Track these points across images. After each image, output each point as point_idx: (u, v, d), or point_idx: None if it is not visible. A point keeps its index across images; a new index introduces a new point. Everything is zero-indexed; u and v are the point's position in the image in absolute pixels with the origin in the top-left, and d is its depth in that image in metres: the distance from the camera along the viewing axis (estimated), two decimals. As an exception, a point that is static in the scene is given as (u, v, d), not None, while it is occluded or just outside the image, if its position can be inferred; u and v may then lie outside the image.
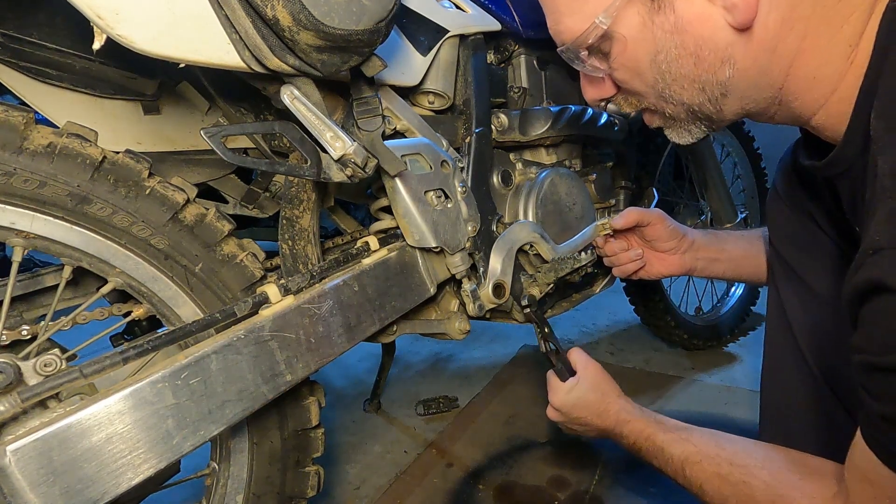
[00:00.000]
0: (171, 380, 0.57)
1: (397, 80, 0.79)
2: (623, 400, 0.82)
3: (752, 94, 0.57)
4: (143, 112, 0.80)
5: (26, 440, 0.50)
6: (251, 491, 0.75)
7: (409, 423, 1.42)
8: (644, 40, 0.56)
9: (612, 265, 1.01)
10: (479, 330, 1.91)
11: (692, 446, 0.67)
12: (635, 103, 0.65)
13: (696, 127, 0.63)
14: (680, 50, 0.54)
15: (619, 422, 0.79)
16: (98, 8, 0.49)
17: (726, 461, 0.63)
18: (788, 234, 0.77)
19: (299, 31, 0.54)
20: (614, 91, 0.65)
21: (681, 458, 0.68)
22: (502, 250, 0.91)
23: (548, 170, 1.02)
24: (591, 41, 0.58)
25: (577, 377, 0.86)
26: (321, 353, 0.70)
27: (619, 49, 0.58)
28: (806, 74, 0.53)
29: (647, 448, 0.73)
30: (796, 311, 0.75)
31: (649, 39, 0.55)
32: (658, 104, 0.62)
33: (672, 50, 0.55)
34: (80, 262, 0.62)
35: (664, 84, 0.58)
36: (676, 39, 0.54)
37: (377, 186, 0.86)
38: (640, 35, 0.55)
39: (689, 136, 0.65)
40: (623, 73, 0.61)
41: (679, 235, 0.94)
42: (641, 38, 0.56)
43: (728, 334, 1.67)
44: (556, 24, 0.62)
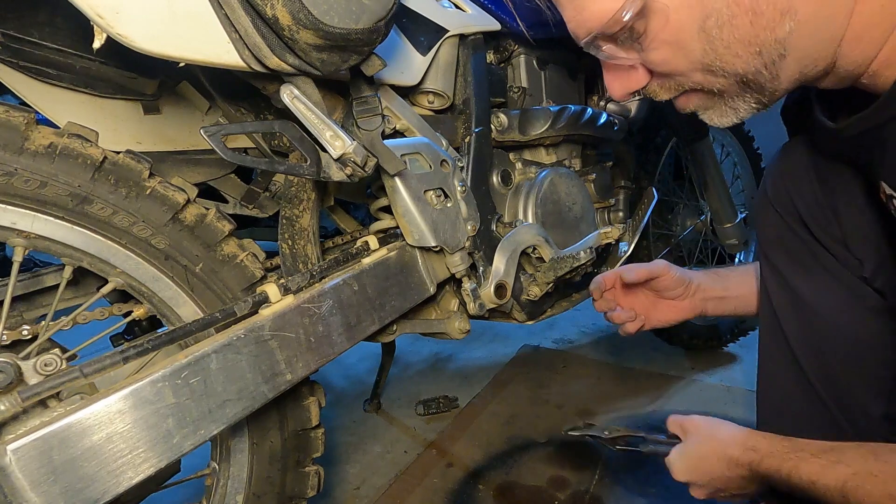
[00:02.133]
0: (171, 379, 0.57)
1: (397, 80, 0.79)
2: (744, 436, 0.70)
3: (812, 52, 0.51)
4: (144, 112, 0.80)
5: (27, 439, 0.50)
6: (251, 491, 0.75)
7: (409, 423, 1.42)
8: (689, 6, 0.49)
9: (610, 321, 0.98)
10: (479, 330, 1.91)
11: (846, 468, 0.57)
12: (675, 87, 0.58)
13: (745, 102, 0.56)
14: (734, 8, 0.48)
15: (751, 463, 0.67)
16: (98, 7, 0.49)
17: (893, 476, 0.53)
18: (778, 241, 0.76)
19: (299, 30, 0.55)
20: (647, 79, 0.58)
21: (837, 486, 0.57)
22: (506, 251, 0.91)
23: (547, 169, 1.02)
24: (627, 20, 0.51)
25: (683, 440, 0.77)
26: (321, 352, 0.70)
27: (659, 23, 0.51)
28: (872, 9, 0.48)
29: (793, 485, 0.62)
30: (789, 319, 0.74)
31: (695, 4, 0.49)
32: (704, 80, 0.55)
33: (724, 10, 0.48)
34: (81, 262, 0.62)
35: (714, 54, 0.51)
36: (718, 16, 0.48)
37: (377, 186, 0.86)
38: (685, 1, 0.49)
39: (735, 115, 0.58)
40: (664, 52, 0.53)
41: (685, 282, 0.91)
42: (686, 5, 0.49)
43: (728, 334, 1.67)
44: (578, 13, 0.55)
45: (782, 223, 0.74)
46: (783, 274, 0.75)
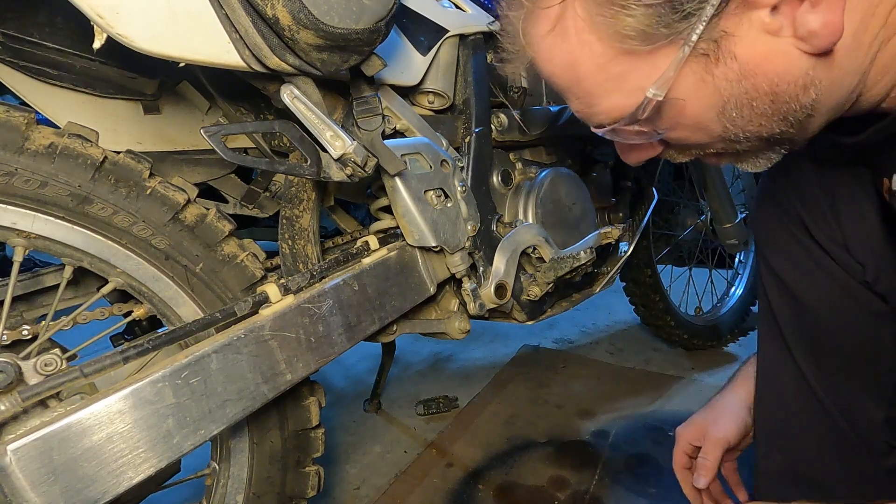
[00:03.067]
0: (171, 379, 0.57)
1: (397, 80, 0.79)
2: None
3: (839, 101, 0.50)
4: (144, 112, 0.80)
5: (27, 439, 0.50)
6: (251, 491, 0.75)
7: (409, 423, 1.42)
8: (705, 96, 0.48)
9: None
10: (479, 330, 1.91)
11: None
12: (695, 153, 0.58)
13: (775, 152, 0.56)
14: (752, 94, 0.47)
15: None
16: (98, 7, 0.49)
17: None
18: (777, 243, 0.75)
19: (299, 30, 0.55)
20: (661, 149, 0.58)
21: None
22: (507, 252, 0.91)
23: (548, 169, 1.02)
24: (643, 117, 0.50)
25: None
26: (321, 352, 0.70)
27: (676, 112, 0.50)
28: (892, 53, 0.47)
29: None
30: (788, 322, 0.74)
31: (711, 93, 0.48)
32: (728, 147, 0.54)
33: (742, 96, 0.48)
34: (81, 262, 0.62)
35: (736, 129, 0.51)
36: (746, 85, 0.47)
37: (377, 186, 0.86)
38: (700, 92, 0.48)
39: (768, 162, 0.57)
40: (682, 132, 0.53)
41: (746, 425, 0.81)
42: (702, 95, 0.48)
43: (728, 334, 1.67)
44: (588, 107, 0.53)
45: (781, 225, 0.74)
46: (782, 277, 0.74)
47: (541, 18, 0.50)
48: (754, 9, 0.44)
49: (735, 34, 0.45)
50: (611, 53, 0.48)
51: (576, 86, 0.52)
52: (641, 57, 0.47)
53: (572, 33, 0.48)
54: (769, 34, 0.45)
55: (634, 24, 0.44)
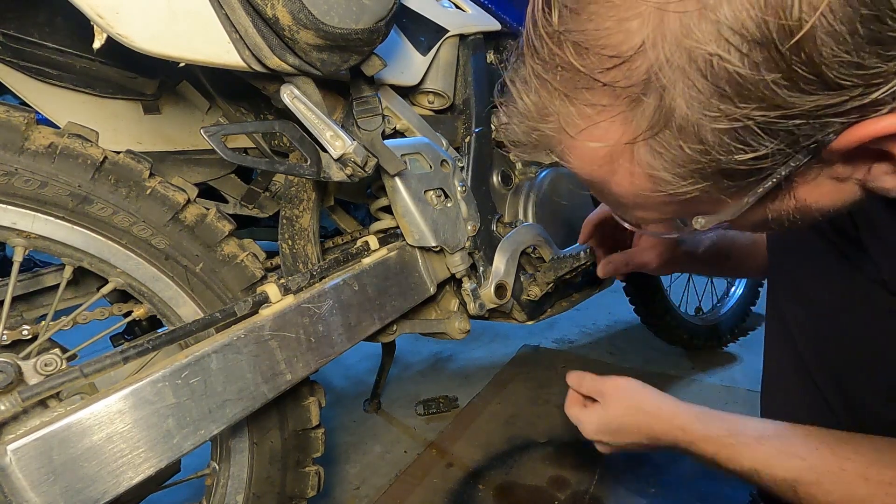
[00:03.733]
0: (171, 379, 0.57)
1: (397, 80, 0.79)
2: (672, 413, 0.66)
3: None
4: (144, 112, 0.80)
5: (27, 439, 0.50)
6: (251, 491, 0.75)
7: (409, 423, 1.42)
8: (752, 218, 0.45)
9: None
10: (479, 330, 1.91)
11: (799, 460, 0.54)
12: None
13: None
14: (800, 219, 0.44)
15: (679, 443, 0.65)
16: (98, 7, 0.49)
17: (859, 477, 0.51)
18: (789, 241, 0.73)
19: (299, 31, 0.55)
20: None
21: (787, 479, 0.54)
22: (507, 251, 0.91)
23: (548, 169, 1.02)
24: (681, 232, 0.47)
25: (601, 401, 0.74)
26: (321, 352, 0.70)
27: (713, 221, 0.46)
28: None
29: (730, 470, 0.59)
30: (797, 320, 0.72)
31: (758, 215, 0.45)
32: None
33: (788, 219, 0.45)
34: (81, 262, 0.62)
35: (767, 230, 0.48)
36: (797, 215, 0.44)
37: (377, 186, 0.86)
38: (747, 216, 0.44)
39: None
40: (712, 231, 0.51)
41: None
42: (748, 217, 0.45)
43: (728, 334, 1.67)
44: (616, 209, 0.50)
45: None
46: (793, 275, 0.73)
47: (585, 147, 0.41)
48: (829, 165, 0.40)
49: (802, 181, 0.41)
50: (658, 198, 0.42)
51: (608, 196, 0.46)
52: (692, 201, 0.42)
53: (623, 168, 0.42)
54: (837, 180, 0.41)
55: (701, 188, 0.39)
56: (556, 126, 0.41)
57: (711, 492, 1.05)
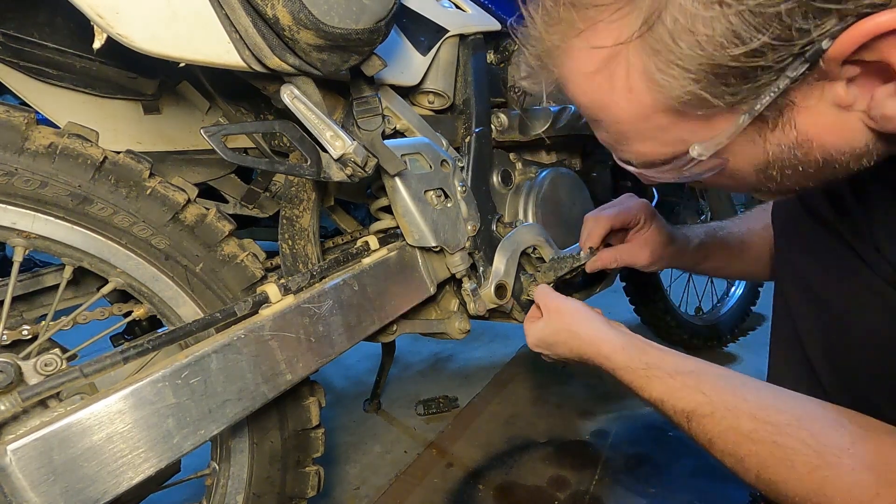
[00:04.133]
0: (171, 379, 0.57)
1: (397, 80, 0.79)
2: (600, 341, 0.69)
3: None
4: (144, 112, 0.80)
5: (27, 439, 0.50)
6: (251, 491, 0.75)
7: (409, 423, 1.42)
8: (751, 155, 0.45)
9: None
10: (479, 330, 1.91)
11: (701, 395, 0.57)
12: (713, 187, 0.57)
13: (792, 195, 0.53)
14: (802, 160, 0.44)
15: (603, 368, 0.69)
16: (98, 7, 0.49)
17: (749, 415, 0.53)
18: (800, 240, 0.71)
19: (299, 31, 0.55)
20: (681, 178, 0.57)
21: (686, 410, 0.57)
22: (507, 252, 0.91)
23: (548, 169, 1.02)
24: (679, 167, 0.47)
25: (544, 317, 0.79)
26: (321, 352, 0.70)
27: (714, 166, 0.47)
28: None
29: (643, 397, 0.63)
30: (806, 321, 0.70)
31: (758, 153, 0.45)
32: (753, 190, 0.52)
33: (790, 160, 0.44)
34: (81, 262, 0.62)
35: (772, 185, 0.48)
36: (797, 153, 0.44)
37: (377, 186, 0.86)
38: (745, 151, 0.45)
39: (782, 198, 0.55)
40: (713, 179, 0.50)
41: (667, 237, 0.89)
42: (746, 153, 0.45)
43: (728, 334, 1.67)
44: (617, 143, 0.50)
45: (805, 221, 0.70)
46: (803, 275, 0.71)
47: (585, 54, 0.44)
48: (833, 80, 0.40)
49: (803, 105, 0.41)
50: (657, 108, 0.43)
51: (608, 124, 0.48)
52: (691, 117, 0.43)
53: (620, 80, 0.43)
54: (839, 107, 0.41)
55: (696, 90, 0.40)
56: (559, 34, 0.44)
57: (711, 491, 1.05)
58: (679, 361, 0.63)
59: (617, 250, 0.89)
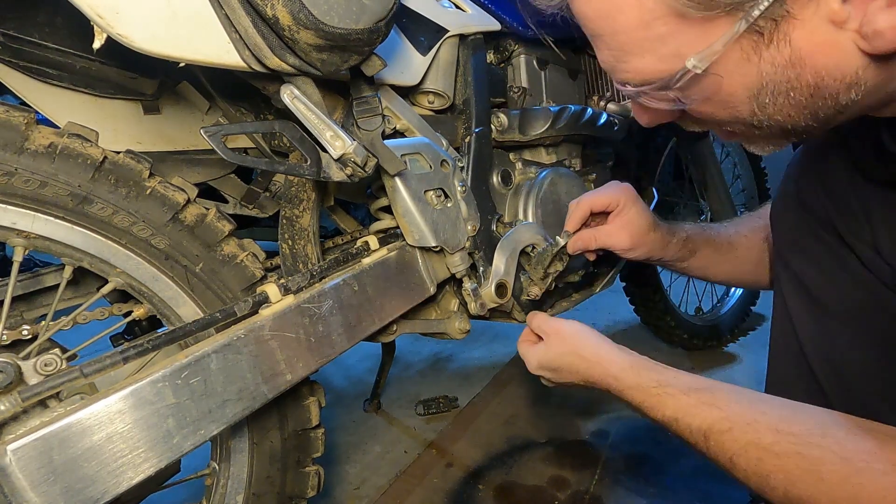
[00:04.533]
0: (171, 379, 0.57)
1: (397, 80, 0.79)
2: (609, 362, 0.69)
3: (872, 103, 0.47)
4: (144, 112, 0.80)
5: (27, 439, 0.50)
6: (251, 491, 0.75)
7: (409, 423, 1.42)
8: (744, 75, 0.46)
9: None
10: (479, 330, 1.91)
11: (717, 411, 0.55)
12: (710, 126, 0.56)
13: (787, 140, 0.54)
14: (794, 83, 0.45)
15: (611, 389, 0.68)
16: (98, 7, 0.49)
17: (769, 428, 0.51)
18: (799, 242, 0.71)
19: (299, 31, 0.55)
20: (678, 115, 0.55)
21: (702, 427, 0.55)
22: (506, 250, 0.91)
23: (547, 169, 1.02)
24: (675, 86, 0.47)
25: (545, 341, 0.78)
26: (321, 352, 0.70)
27: (709, 86, 0.48)
28: None
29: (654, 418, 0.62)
30: (805, 324, 0.70)
31: (752, 74, 0.46)
32: (745, 129, 0.53)
33: (782, 83, 0.45)
34: (81, 262, 0.62)
35: (763, 115, 0.49)
36: (790, 73, 0.44)
37: (377, 186, 0.86)
38: (740, 70, 0.46)
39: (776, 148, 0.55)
40: (707, 107, 0.51)
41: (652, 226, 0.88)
42: (740, 73, 0.46)
43: (728, 334, 1.67)
44: (617, 61, 0.50)
45: (805, 223, 0.70)
46: (802, 278, 0.71)
47: None
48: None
49: (798, 17, 0.42)
50: (659, 11, 0.44)
51: (610, 36, 0.48)
52: (691, 23, 0.44)
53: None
54: (832, 24, 0.41)
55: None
56: None
57: (712, 491, 1.05)
58: (691, 380, 0.62)
59: (596, 230, 0.88)
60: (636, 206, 0.86)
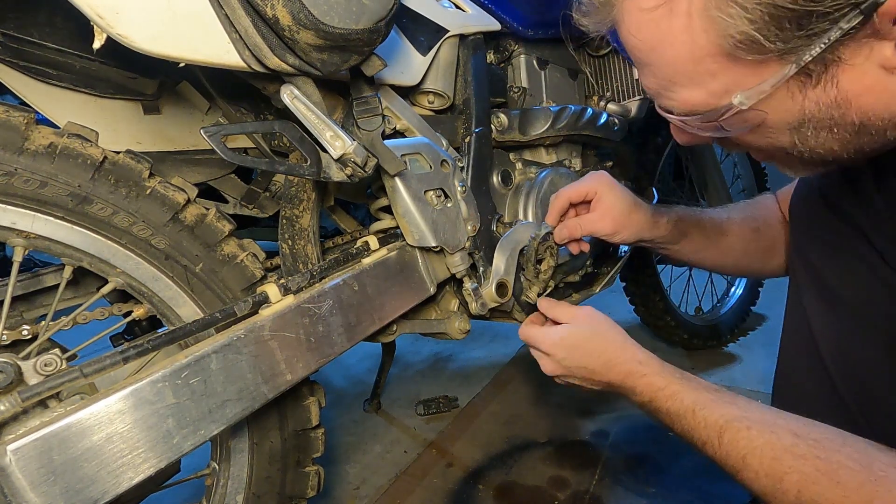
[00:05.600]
0: (171, 379, 0.57)
1: (397, 80, 0.79)
2: (635, 348, 0.70)
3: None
4: (144, 112, 0.80)
5: (27, 440, 0.50)
6: (251, 491, 0.75)
7: (409, 423, 1.42)
8: (787, 111, 0.47)
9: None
10: (479, 330, 1.91)
11: (737, 410, 0.55)
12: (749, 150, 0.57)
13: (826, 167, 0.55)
14: (838, 121, 0.45)
15: (632, 374, 0.67)
16: (98, 7, 0.49)
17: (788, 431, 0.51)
18: (818, 234, 0.71)
19: (299, 31, 0.55)
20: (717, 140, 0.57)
21: (719, 422, 0.55)
22: (506, 250, 0.91)
23: (547, 169, 1.02)
24: (719, 118, 0.48)
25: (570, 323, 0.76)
26: (321, 352, 0.70)
27: (751, 119, 0.48)
28: None
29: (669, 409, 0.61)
30: (820, 318, 0.70)
31: (795, 111, 0.46)
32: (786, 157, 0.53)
33: (826, 121, 0.46)
34: (81, 262, 0.62)
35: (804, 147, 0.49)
36: (835, 113, 0.45)
37: (377, 186, 0.86)
38: (784, 106, 0.46)
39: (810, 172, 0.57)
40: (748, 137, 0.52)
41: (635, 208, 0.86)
42: (784, 110, 0.47)
43: (728, 334, 1.67)
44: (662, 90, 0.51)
45: (822, 216, 0.70)
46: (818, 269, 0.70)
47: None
48: (882, 39, 0.40)
49: (849, 62, 0.42)
50: (711, 50, 0.44)
51: (658, 67, 0.49)
52: (741, 62, 0.44)
53: (678, 17, 0.44)
54: (884, 69, 0.42)
55: (751, 31, 0.41)
56: None
57: (712, 491, 1.05)
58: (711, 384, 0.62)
59: (580, 219, 0.87)
60: (613, 191, 0.85)
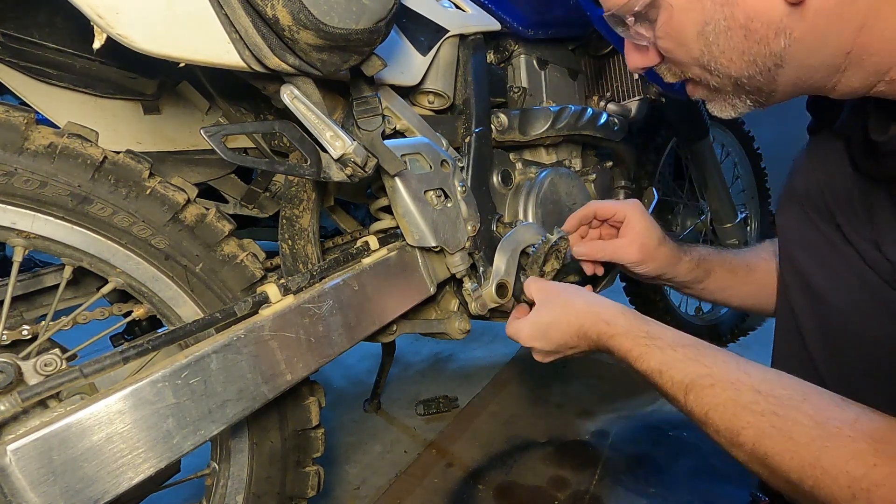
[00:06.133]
0: (171, 379, 0.57)
1: (397, 80, 0.79)
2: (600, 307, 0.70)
3: (811, 63, 0.53)
4: (144, 112, 0.80)
5: (27, 440, 0.50)
6: (251, 491, 0.75)
7: (409, 423, 1.42)
8: (692, 10, 0.55)
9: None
10: (479, 330, 1.91)
11: (702, 367, 0.57)
12: (678, 73, 0.64)
13: (742, 101, 0.61)
14: (729, 22, 0.53)
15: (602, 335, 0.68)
16: (98, 7, 0.49)
17: (750, 388, 0.53)
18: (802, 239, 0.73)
19: (299, 31, 0.55)
20: (658, 60, 0.64)
21: (684, 381, 0.56)
22: (506, 250, 0.91)
23: (547, 169, 1.02)
24: (638, 8, 0.57)
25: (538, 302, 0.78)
26: (321, 352, 0.70)
27: (665, 17, 0.57)
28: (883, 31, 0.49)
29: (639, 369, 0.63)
30: (808, 320, 0.71)
31: (697, 9, 0.54)
32: (702, 75, 0.60)
33: (721, 21, 0.53)
34: (81, 262, 0.62)
35: (710, 56, 0.56)
36: (726, 11, 0.53)
37: (377, 186, 0.86)
38: (688, 4, 0.54)
39: (733, 110, 0.62)
40: (667, 42, 0.59)
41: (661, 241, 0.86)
42: (689, 8, 0.55)
43: (728, 334, 1.67)
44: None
45: (808, 220, 0.72)
46: (805, 274, 0.72)
47: None
48: None
49: None
50: None
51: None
52: None
53: None
54: None
55: None
56: None
57: (712, 491, 1.05)
58: (679, 337, 0.63)
59: (606, 243, 0.88)
60: (645, 221, 0.85)
